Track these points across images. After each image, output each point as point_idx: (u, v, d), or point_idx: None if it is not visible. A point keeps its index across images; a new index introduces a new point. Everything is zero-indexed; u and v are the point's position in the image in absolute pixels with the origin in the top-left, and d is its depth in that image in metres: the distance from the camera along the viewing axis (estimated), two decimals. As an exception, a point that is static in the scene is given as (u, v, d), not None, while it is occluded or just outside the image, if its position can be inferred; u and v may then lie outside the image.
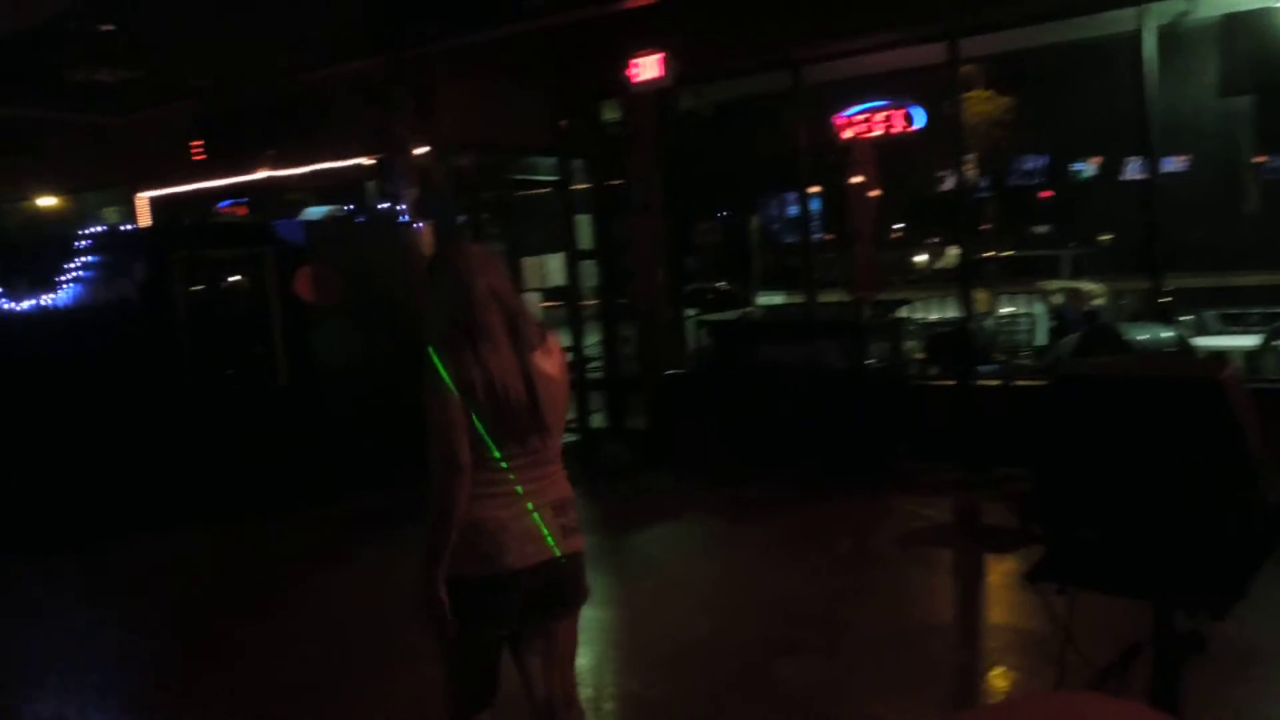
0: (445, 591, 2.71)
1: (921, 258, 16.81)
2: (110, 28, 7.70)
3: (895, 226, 18.05)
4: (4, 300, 8.27)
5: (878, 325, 8.87)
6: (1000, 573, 5.70)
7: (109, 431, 7.60)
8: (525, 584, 2.76)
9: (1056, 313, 9.29)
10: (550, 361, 2.87)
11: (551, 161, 10.15)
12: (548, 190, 10.41)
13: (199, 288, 7.82)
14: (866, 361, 7.97)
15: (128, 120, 11.06)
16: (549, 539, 2.80)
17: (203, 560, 6.63)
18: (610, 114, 9.90)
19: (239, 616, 5.50)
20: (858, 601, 5.23)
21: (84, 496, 7.53)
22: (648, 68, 8.53)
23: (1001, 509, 6.59)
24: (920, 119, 8.68)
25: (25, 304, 8.13)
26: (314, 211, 10.02)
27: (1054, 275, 11.95)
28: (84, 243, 8.01)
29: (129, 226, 11.04)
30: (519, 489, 2.78)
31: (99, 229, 9.57)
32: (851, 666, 4.40)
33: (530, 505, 2.79)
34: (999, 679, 4.23)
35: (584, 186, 10.23)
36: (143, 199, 11.48)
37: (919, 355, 8.92)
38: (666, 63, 8.46)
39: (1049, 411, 2.58)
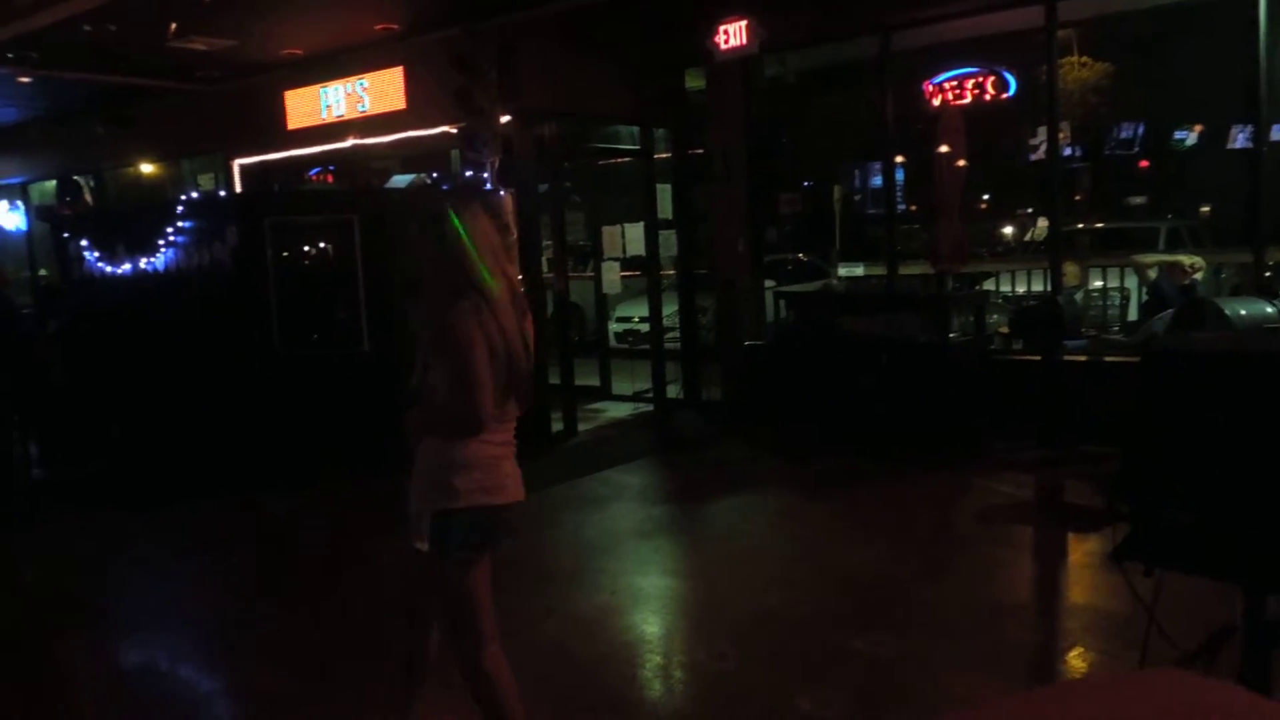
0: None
1: (1009, 230, 16.39)
2: (208, -1, 7.89)
3: (983, 198, 17.62)
4: (104, 264, 8.62)
5: (961, 298, 8.69)
6: (1082, 552, 5.57)
7: (201, 393, 7.88)
8: (513, 515, 3.12)
9: (1152, 287, 8.98)
10: (530, 326, 3.11)
11: (633, 130, 10.13)
12: (629, 159, 10.40)
13: (288, 253, 8.02)
14: (949, 335, 7.82)
15: (222, 89, 11.35)
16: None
17: (286, 520, 6.84)
18: (693, 82, 9.83)
19: (317, 576, 5.68)
20: (935, 578, 5.17)
21: (178, 455, 7.84)
22: (734, 35, 8.43)
23: (1086, 487, 6.43)
24: (1013, 86, 8.43)
25: (124, 267, 8.45)
26: (399, 180, 10.19)
27: (1150, 248, 11.53)
28: (180, 208, 8.28)
29: (223, 193, 11.37)
30: (511, 438, 3.14)
31: (194, 195, 9.89)
32: (926, 643, 4.36)
33: (512, 453, 3.15)
34: (1078, 660, 4.14)
35: (665, 156, 10.20)
36: (237, 166, 11.80)
37: (1004, 330, 8.73)
38: (752, 30, 8.35)
39: (1143, 388, 2.50)
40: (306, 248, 8.08)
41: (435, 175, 10.26)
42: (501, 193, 8.56)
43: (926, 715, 3.61)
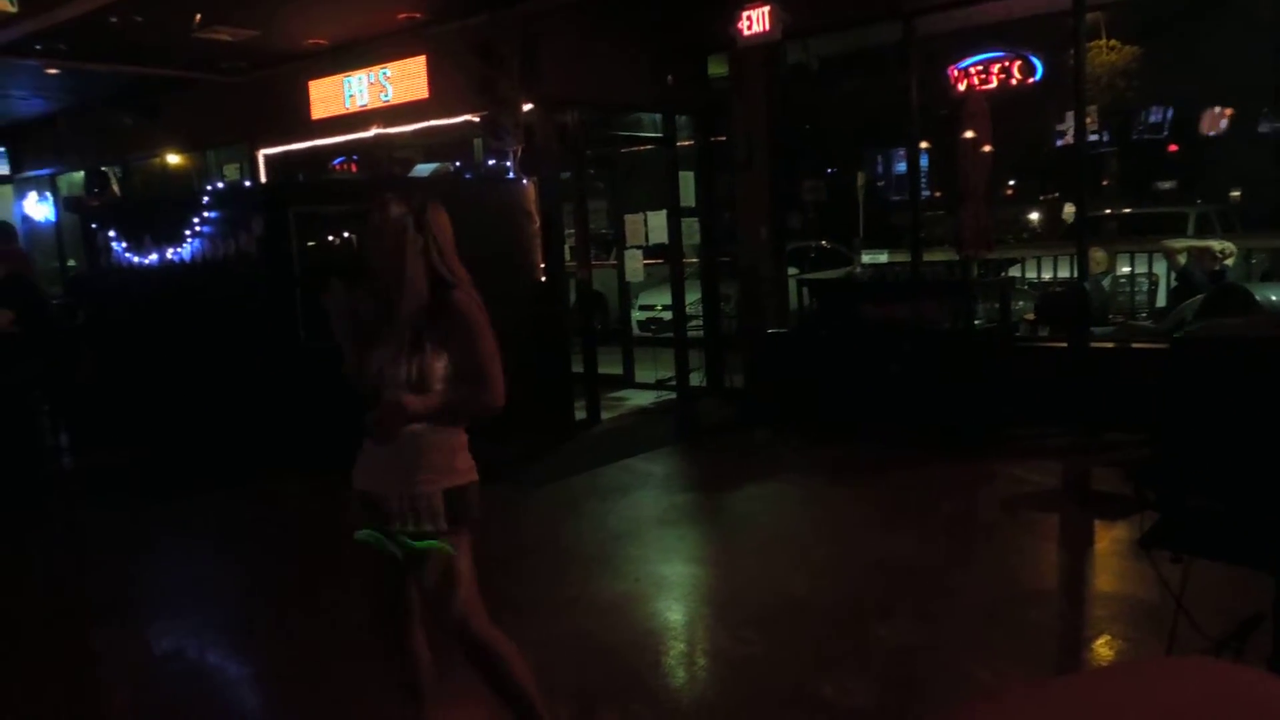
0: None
1: (1035, 215, 16.24)
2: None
3: (1008, 183, 17.47)
4: (132, 254, 8.71)
5: (986, 285, 8.62)
6: (1110, 540, 5.53)
7: (227, 381, 7.96)
8: None
9: (1182, 273, 8.87)
10: None
11: (656, 118, 10.10)
12: (651, 147, 10.38)
13: (312, 243, 8.06)
14: (974, 322, 7.77)
15: (247, 79, 11.41)
16: None
17: (310, 507, 6.89)
18: (716, 69, 9.79)
19: (336, 568, 5.72)
20: (960, 565, 5.15)
21: (204, 443, 7.92)
22: (757, 21, 8.39)
23: (1113, 475, 6.38)
24: (1039, 70, 8.34)
25: (151, 257, 8.53)
26: (422, 169, 10.21)
27: (1179, 233, 11.39)
28: (205, 199, 8.34)
29: (248, 183, 11.45)
30: None
31: (220, 185, 9.97)
32: (951, 630, 4.34)
33: None
34: (1104, 647, 4.12)
35: (688, 143, 10.17)
36: (262, 156, 11.87)
37: (1029, 316, 8.66)
38: (775, 15, 8.30)
39: (1172, 374, 2.47)
40: (330, 237, 8.13)
41: (458, 164, 10.28)
42: (524, 181, 8.57)
43: (951, 703, 3.60)
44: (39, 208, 16.38)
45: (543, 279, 8.72)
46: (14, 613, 5.14)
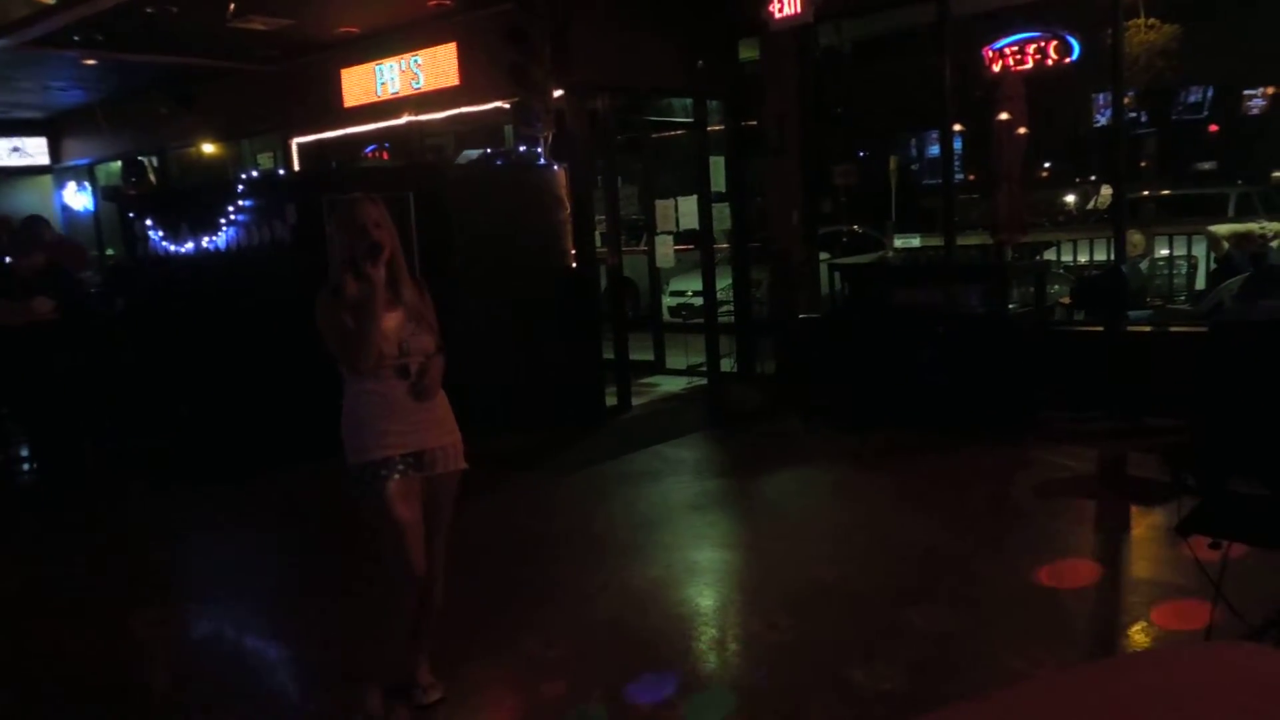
0: None
1: (1071, 198, 16.01)
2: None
3: (1044, 165, 17.23)
4: (169, 242, 8.82)
5: (1021, 269, 8.53)
6: (1146, 526, 5.47)
7: (263, 369, 8.04)
8: None
9: (1224, 258, 8.72)
10: None
11: (686, 103, 10.06)
12: (682, 132, 10.34)
13: (345, 230, 8.12)
14: (1009, 306, 7.69)
15: (280, 68, 11.50)
16: None
17: (335, 497, 6.96)
18: (747, 53, 9.72)
19: (367, 556, 5.77)
20: (994, 552, 5.11)
21: (244, 429, 8.02)
22: (788, 4, 8.31)
23: (1150, 460, 6.30)
24: (1076, 50, 8.20)
25: (187, 246, 8.63)
26: (469, 154, 10.23)
27: (1219, 214, 11.19)
28: (240, 187, 8.42)
29: (281, 171, 11.54)
30: None
31: (254, 174, 10.06)
32: (984, 617, 4.32)
33: None
34: (1140, 634, 4.08)
35: (719, 128, 10.12)
36: (295, 145, 11.97)
37: (1065, 300, 8.55)
38: (806, -3, 8.22)
39: (1211, 358, 2.44)
40: (363, 224, 8.17)
41: (503, 152, 10.30)
42: (555, 167, 8.57)
43: (983, 689, 3.58)
44: (78, 197, 16.63)
45: (574, 265, 8.72)
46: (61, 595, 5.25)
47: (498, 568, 5.31)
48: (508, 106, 8.97)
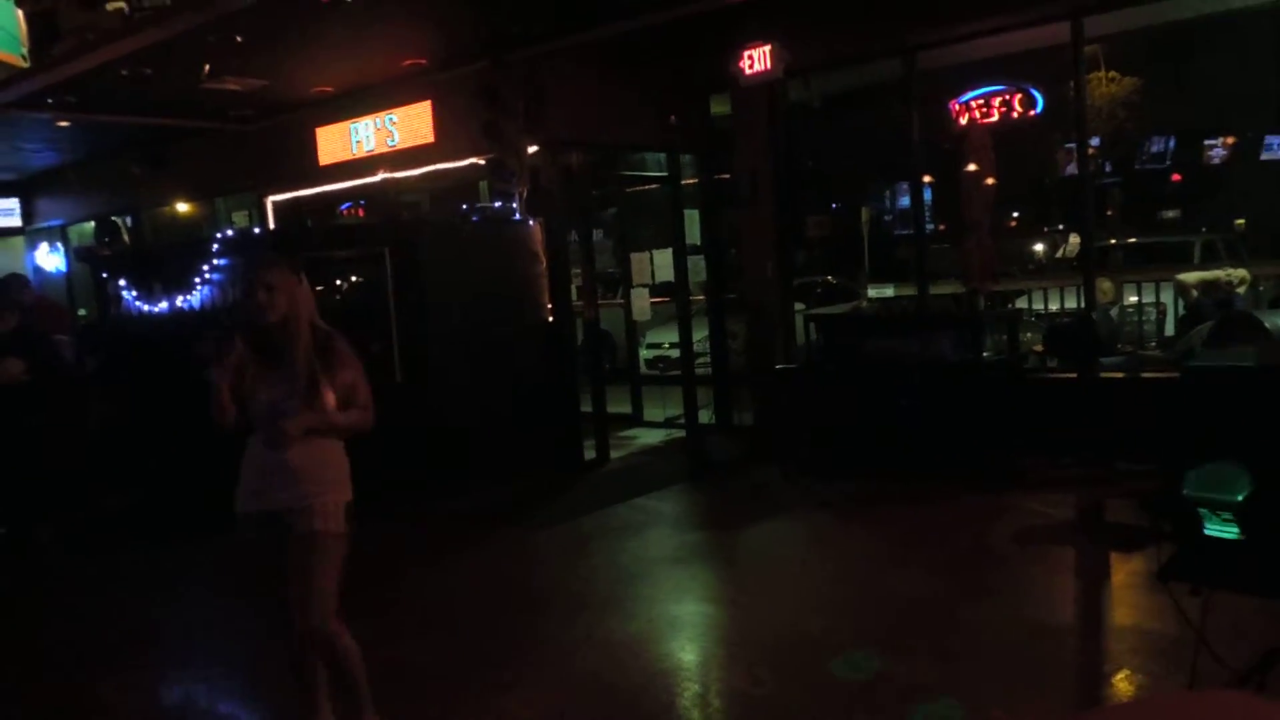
0: None
1: (1040, 246, 16.26)
2: (241, 39, 8.03)
3: (1012, 215, 17.52)
4: (142, 302, 8.76)
5: (993, 317, 8.61)
6: (1126, 572, 5.47)
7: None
8: None
9: (1193, 305, 8.85)
10: None
11: (660, 157, 10.18)
12: (656, 185, 10.44)
13: (321, 287, 8.11)
14: (983, 354, 7.75)
15: (255, 128, 11.55)
16: None
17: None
18: (719, 108, 9.87)
19: (354, 607, 5.68)
20: (974, 601, 5.09)
21: (214, 486, 7.90)
22: (758, 60, 8.47)
23: (1127, 506, 6.33)
24: (1040, 103, 8.39)
25: (162, 305, 8.58)
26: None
27: (1185, 262, 11.38)
28: (215, 246, 8.40)
29: (257, 229, 11.53)
30: None
31: (229, 232, 10.04)
32: (967, 667, 4.29)
33: None
34: (1124, 682, 4.06)
35: (692, 181, 10.23)
36: (270, 203, 11.98)
37: (1037, 348, 8.64)
38: (776, 54, 8.38)
39: (1183, 403, 2.46)
40: (339, 281, 8.17)
41: (464, 207, 10.33)
42: (530, 222, 8.62)
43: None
44: (50, 258, 16.52)
45: (550, 318, 8.74)
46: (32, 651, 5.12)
47: (475, 621, 5.23)
48: (483, 163, 9.05)
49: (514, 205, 8.59)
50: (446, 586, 5.94)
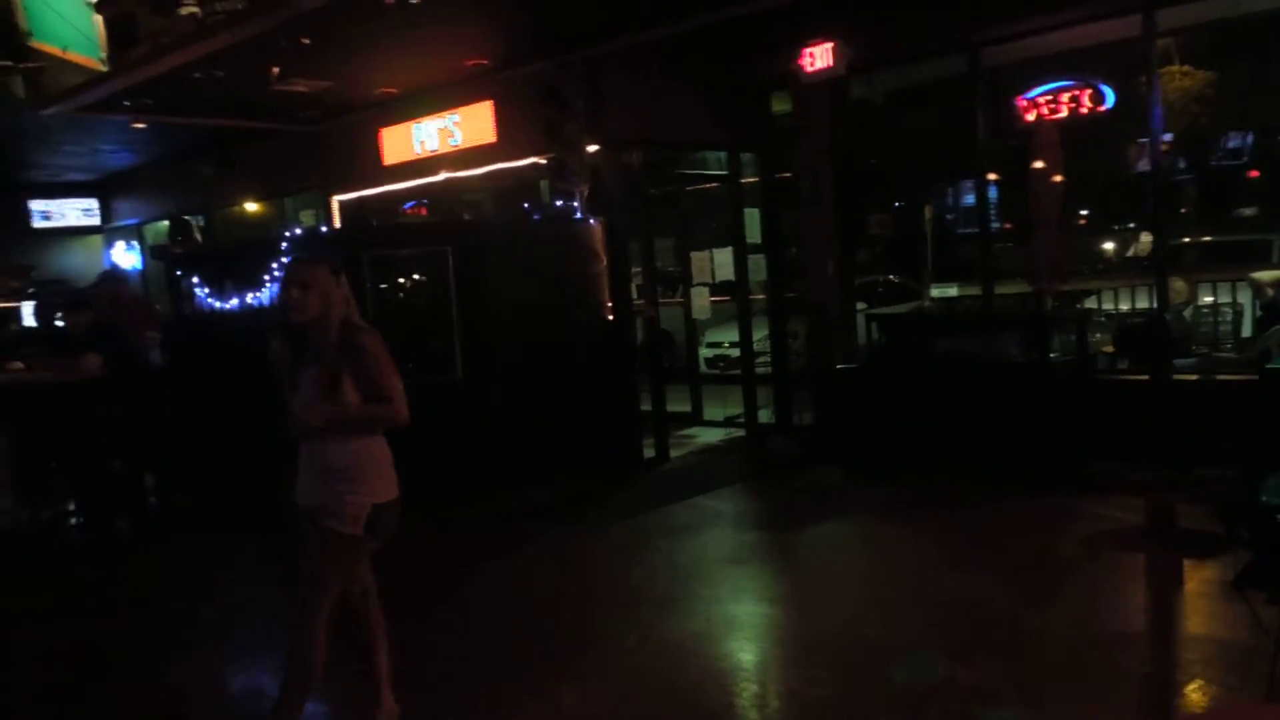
0: None
1: (1110, 246, 15.86)
2: (309, 42, 8.18)
3: (1081, 213, 17.13)
4: (214, 299, 8.97)
5: (1062, 317, 8.44)
6: (1199, 580, 5.32)
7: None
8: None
9: (1269, 304, 8.57)
10: None
11: (720, 156, 10.15)
12: (716, 184, 10.42)
13: (385, 285, 8.23)
14: (1050, 355, 7.60)
15: (321, 128, 11.77)
16: None
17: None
18: (780, 106, 9.81)
19: (404, 602, 5.77)
20: (1040, 606, 5.00)
21: (282, 481, 8.06)
22: (820, 57, 8.40)
23: (1201, 512, 6.15)
24: (1110, 98, 8.19)
25: (232, 302, 8.78)
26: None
27: (1263, 260, 11.02)
28: (283, 244, 8.57)
29: (323, 228, 11.75)
30: None
31: (296, 231, 10.24)
32: (1033, 674, 4.20)
33: None
34: (1197, 693, 3.95)
35: (752, 180, 10.18)
36: (336, 202, 12.20)
37: (1108, 349, 8.44)
38: (838, 51, 8.31)
39: (1261, 406, 2.39)
40: (402, 279, 8.29)
41: (526, 206, 10.41)
42: (591, 221, 8.66)
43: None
44: (127, 256, 17.02)
45: (610, 317, 8.77)
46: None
47: (534, 617, 5.27)
48: (544, 162, 9.10)
49: (575, 204, 8.63)
50: (504, 582, 5.99)
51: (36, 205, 16.54)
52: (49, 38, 9.57)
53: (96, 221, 17.09)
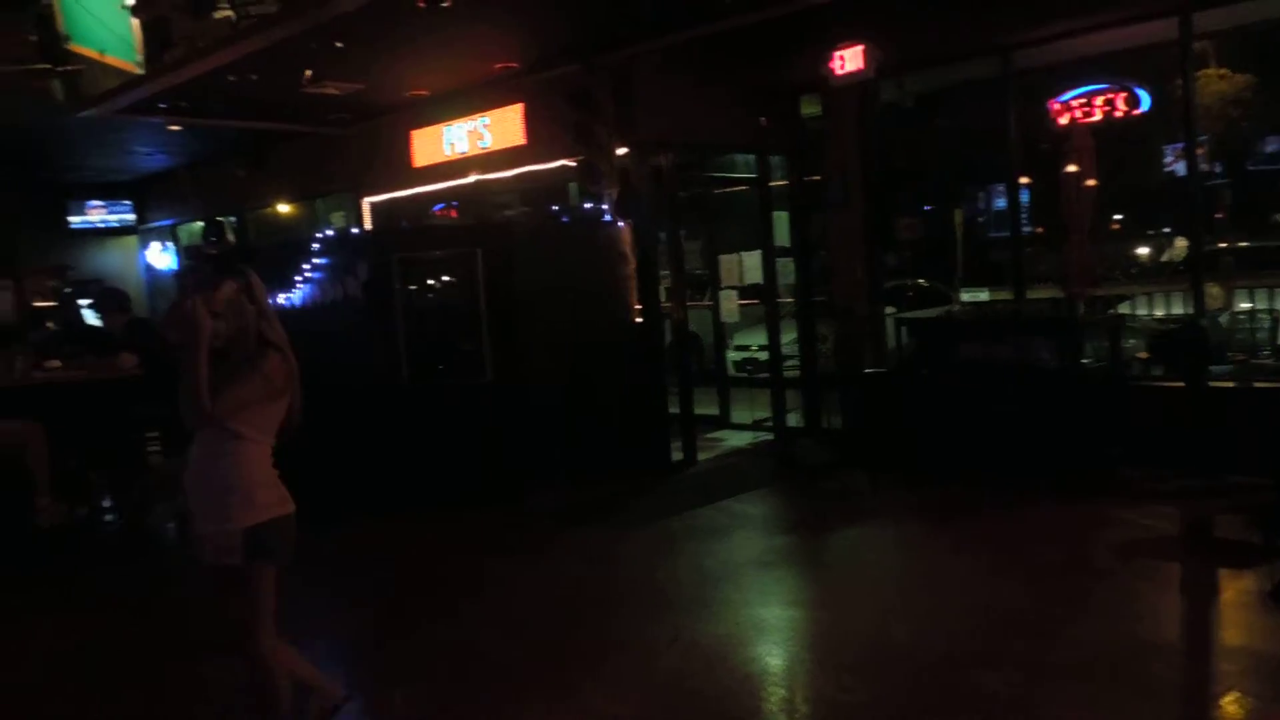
0: None
1: (1145, 250, 15.68)
2: (341, 45, 8.25)
3: (1115, 217, 16.95)
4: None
5: (1094, 322, 8.35)
6: (1236, 590, 5.25)
7: (334, 422, 8.15)
8: None
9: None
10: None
11: (749, 158, 10.13)
12: (745, 187, 10.40)
13: (415, 286, 8.27)
14: (1082, 360, 7.51)
15: (352, 131, 11.85)
16: None
17: (405, 548, 6.99)
18: (809, 109, 9.78)
19: (434, 603, 5.79)
20: (1071, 614, 4.94)
21: (311, 482, 8.12)
22: (850, 60, 8.37)
23: (1238, 521, 6.06)
24: (1146, 101, 8.10)
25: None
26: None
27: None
28: (315, 245, 8.64)
29: (354, 230, 11.84)
30: None
31: (328, 232, 10.32)
32: (1064, 683, 4.16)
33: None
34: (1233, 705, 3.89)
35: (781, 183, 10.15)
36: (366, 204, 12.29)
37: (1142, 354, 8.34)
38: (869, 54, 8.27)
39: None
40: (432, 281, 8.33)
41: (555, 208, 10.44)
42: (620, 224, 8.67)
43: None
44: (162, 257, 17.24)
45: (638, 320, 8.77)
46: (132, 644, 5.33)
47: (561, 619, 5.28)
48: (573, 164, 9.12)
49: (604, 206, 8.64)
50: (532, 583, 6.00)
51: (74, 206, 16.80)
52: (87, 41, 9.70)
53: (132, 222, 17.32)
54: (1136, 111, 8.15)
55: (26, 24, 9.77)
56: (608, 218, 8.64)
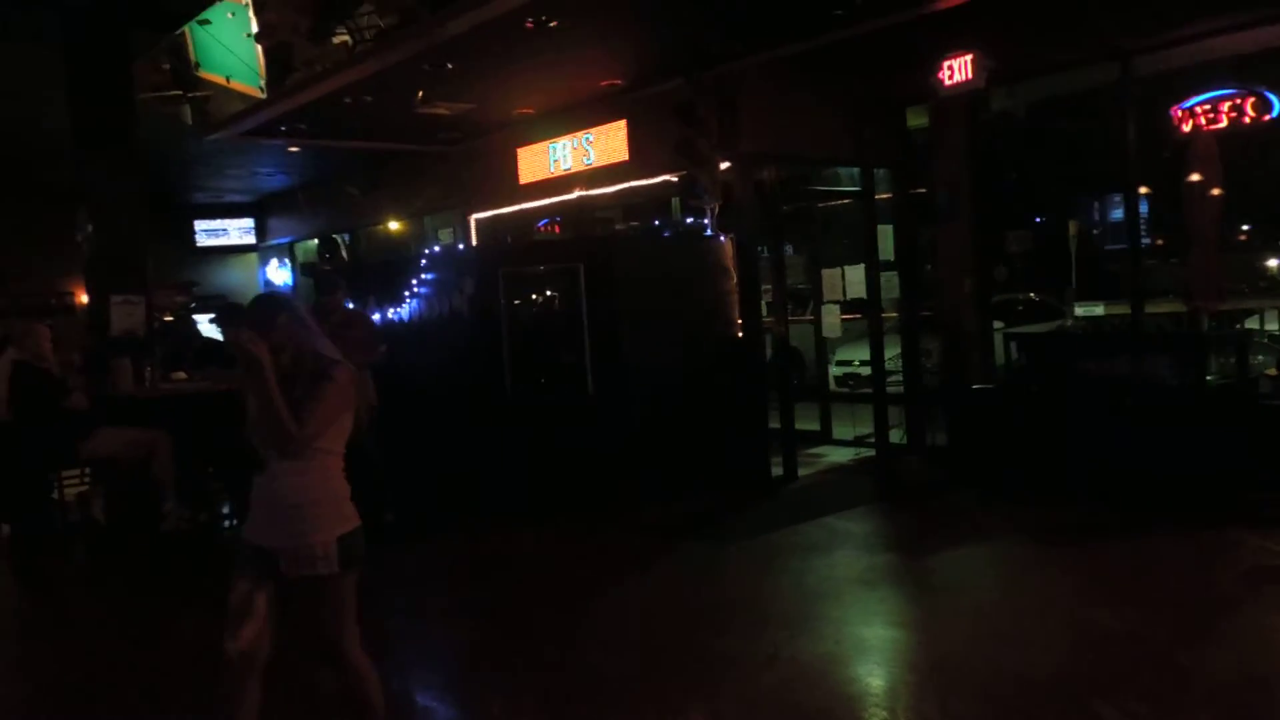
0: None
1: (1274, 263, 14.91)
2: (451, 66, 8.48)
3: (1242, 228, 16.17)
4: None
5: (1220, 338, 7.98)
6: (1377, 623, 4.93)
7: (440, 435, 8.36)
8: None
9: None
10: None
11: (853, 171, 10.02)
12: (849, 200, 10.28)
13: (519, 301, 8.43)
14: (1206, 378, 7.18)
15: (461, 149, 12.16)
16: None
17: (507, 558, 7.08)
18: (916, 120, 9.62)
19: (541, 615, 5.85)
20: (1193, 642, 4.71)
21: (419, 493, 8.34)
22: (959, 70, 8.20)
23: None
24: (1277, 106, 7.71)
25: (375, 316, 9.15)
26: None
27: None
28: (423, 261, 8.89)
29: (460, 245, 12.14)
30: None
31: (436, 248, 10.60)
32: (1187, 714, 3.97)
33: None
34: (1376, 745, 3.65)
35: (886, 196, 10.01)
36: (473, 220, 12.58)
37: (1270, 371, 7.94)
38: (978, 63, 8.09)
39: None
40: (535, 295, 8.47)
41: (657, 223, 10.50)
42: (722, 238, 8.67)
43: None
44: (279, 273, 17.98)
45: (740, 334, 8.75)
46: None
47: (662, 634, 5.28)
48: (675, 179, 9.17)
49: (706, 221, 8.66)
50: (633, 598, 6.02)
51: (201, 225, 17.66)
52: (215, 68, 10.21)
53: (253, 240, 18.11)
54: (1267, 117, 7.77)
55: (160, 54, 10.35)
56: (710, 232, 8.65)
